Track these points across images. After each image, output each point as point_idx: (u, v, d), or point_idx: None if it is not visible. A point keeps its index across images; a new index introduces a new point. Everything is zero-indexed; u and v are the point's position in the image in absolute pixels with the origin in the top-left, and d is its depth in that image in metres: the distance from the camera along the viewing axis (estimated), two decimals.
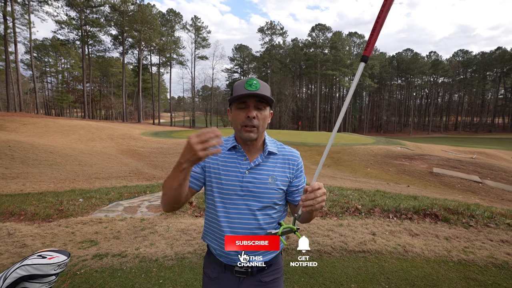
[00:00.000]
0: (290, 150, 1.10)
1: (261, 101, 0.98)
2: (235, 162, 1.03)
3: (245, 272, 1.03)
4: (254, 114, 0.97)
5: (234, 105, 1.00)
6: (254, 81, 0.97)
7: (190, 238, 3.20)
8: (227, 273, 1.05)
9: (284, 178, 1.04)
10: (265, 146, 1.05)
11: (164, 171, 11.10)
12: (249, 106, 0.97)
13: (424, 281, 2.43)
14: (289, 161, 1.07)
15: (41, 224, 3.59)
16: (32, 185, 6.93)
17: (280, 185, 1.03)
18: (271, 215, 1.04)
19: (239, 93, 0.96)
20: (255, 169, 1.02)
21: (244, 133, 0.98)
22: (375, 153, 14.33)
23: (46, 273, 1.06)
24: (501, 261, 2.76)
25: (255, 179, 1.01)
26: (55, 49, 48.36)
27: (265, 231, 1.02)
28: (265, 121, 1.01)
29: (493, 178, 10.21)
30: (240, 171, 1.01)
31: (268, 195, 1.01)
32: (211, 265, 1.09)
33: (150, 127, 31.23)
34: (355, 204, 4.41)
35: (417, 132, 66.87)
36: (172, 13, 49.04)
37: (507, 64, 59.89)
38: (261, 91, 0.96)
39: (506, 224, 3.75)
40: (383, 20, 0.74)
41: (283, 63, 60.19)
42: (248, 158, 1.03)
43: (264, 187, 1.01)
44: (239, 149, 1.05)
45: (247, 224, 1.01)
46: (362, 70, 0.76)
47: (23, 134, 16.13)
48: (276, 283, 1.09)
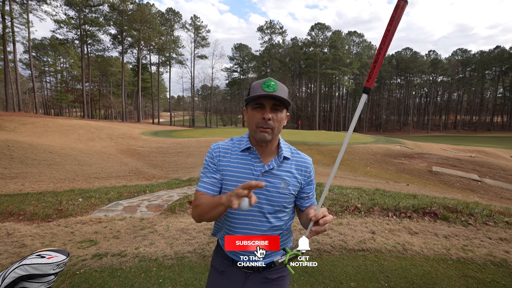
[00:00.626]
0: (303, 156, 1.10)
1: (278, 103, 0.97)
2: (249, 164, 1.03)
3: (252, 268, 1.04)
4: (270, 116, 0.96)
5: (251, 105, 1.00)
6: (272, 82, 0.96)
7: (190, 237, 3.20)
8: (234, 268, 1.07)
9: (296, 184, 1.05)
10: (280, 150, 1.05)
11: (164, 171, 11.10)
12: (265, 107, 0.97)
13: (423, 279, 2.44)
14: (302, 167, 1.07)
15: (40, 224, 3.59)
16: (31, 185, 6.92)
17: (292, 190, 1.04)
18: (281, 217, 1.05)
19: (256, 93, 0.95)
20: (269, 173, 1.02)
21: (259, 134, 0.98)
22: (375, 152, 14.34)
23: (45, 272, 1.06)
24: (500, 259, 2.77)
25: (269, 182, 1.01)
26: (54, 48, 48.19)
27: (275, 233, 1.04)
28: (281, 123, 1.01)
29: (492, 177, 10.24)
30: (253, 173, 1.01)
31: (279, 199, 1.02)
32: (220, 259, 1.11)
33: (150, 127, 31.19)
34: (354, 203, 4.41)
35: (416, 131, 66.93)
36: (172, 12, 48.90)
37: (505, 63, 59.96)
38: (279, 93, 0.95)
39: (505, 222, 3.76)
40: (385, 51, 0.74)
41: (283, 62, 60.14)
42: (262, 161, 1.03)
43: (276, 191, 1.01)
44: (253, 150, 1.04)
45: (259, 226, 1.02)
46: (365, 100, 0.78)
47: (22, 134, 16.10)
48: (282, 281, 1.09)
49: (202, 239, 3.16)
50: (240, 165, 1.03)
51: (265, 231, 1.02)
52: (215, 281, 1.11)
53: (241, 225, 1.03)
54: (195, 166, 11.77)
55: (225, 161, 1.04)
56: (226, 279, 1.08)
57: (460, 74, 66.52)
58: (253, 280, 1.06)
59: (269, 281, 1.07)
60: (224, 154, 1.05)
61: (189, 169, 11.25)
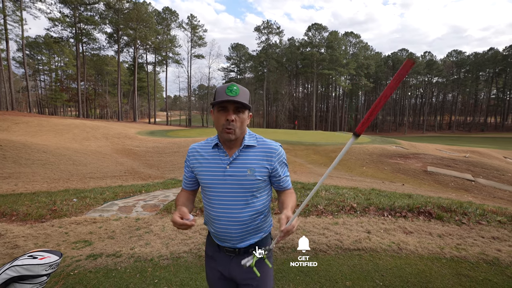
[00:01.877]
0: (269, 142, 1.19)
1: (240, 106, 1.08)
2: (217, 158, 1.16)
3: (234, 251, 1.18)
4: (233, 117, 1.08)
5: (216, 108, 1.11)
6: (234, 87, 1.07)
7: (186, 237, 3.19)
8: (221, 253, 1.22)
9: (263, 169, 1.14)
10: (243, 140, 1.16)
11: (160, 171, 11.03)
12: (228, 110, 1.08)
13: (418, 278, 2.46)
14: (267, 152, 1.16)
15: (34, 224, 3.54)
16: (24, 185, 6.82)
17: (258, 176, 1.13)
18: (255, 204, 1.15)
19: (219, 98, 1.07)
20: (234, 163, 1.13)
21: (225, 134, 1.10)
22: (371, 152, 14.44)
23: (37, 273, 1.05)
24: (492, 257, 2.81)
25: (235, 172, 1.12)
26: (48, 46, 47.59)
27: (253, 217, 1.14)
28: (244, 123, 1.13)
29: (485, 177, 10.38)
30: (221, 166, 1.13)
31: (248, 186, 1.12)
32: (209, 245, 1.28)
33: (146, 126, 30.98)
34: (350, 202, 4.44)
35: (412, 131, 67.56)
36: (168, 11, 48.60)
37: (499, 64, 60.86)
38: (240, 97, 1.07)
39: (497, 221, 3.81)
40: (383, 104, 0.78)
41: (280, 62, 60.19)
42: (228, 154, 1.15)
43: (244, 179, 1.11)
44: (220, 146, 1.16)
45: (233, 213, 1.13)
46: (352, 142, 0.83)
47: (15, 133, 15.87)
48: (261, 263, 1.16)
49: (198, 239, 3.15)
50: (210, 159, 1.17)
51: (242, 216, 1.13)
52: (208, 264, 1.28)
53: (220, 212, 1.14)
54: None
55: (200, 158, 1.19)
56: (215, 262, 1.23)
57: (454, 75, 67.32)
58: (237, 261, 1.17)
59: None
60: (198, 152, 1.20)
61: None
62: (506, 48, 60.09)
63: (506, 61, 59.55)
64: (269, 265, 1.13)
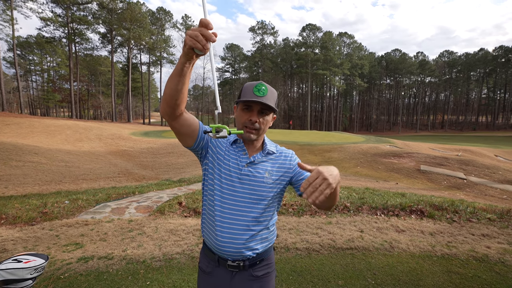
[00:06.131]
0: (286, 150, 1.17)
1: (266, 108, 1.03)
2: (235, 155, 1.09)
3: (237, 267, 1.06)
4: (257, 119, 1.03)
5: (240, 105, 1.06)
6: (262, 87, 1.02)
7: (179, 238, 3.17)
8: (220, 268, 1.08)
9: (281, 176, 1.09)
10: (265, 145, 1.12)
11: (154, 172, 10.95)
12: (253, 110, 1.03)
13: (409, 275, 2.49)
14: (287, 158, 1.13)
15: (23, 227, 3.48)
16: (15, 187, 6.69)
17: (276, 181, 1.08)
18: (265, 208, 1.07)
19: (246, 97, 1.01)
20: (253, 164, 1.07)
21: (246, 134, 1.04)
22: (365, 151, 14.56)
23: (22, 277, 1.03)
24: (481, 254, 2.86)
25: (252, 172, 1.06)
26: (40, 46, 46.75)
27: (257, 226, 1.06)
28: (267, 125, 1.08)
29: (477, 175, 10.56)
30: (239, 163, 1.07)
31: (263, 189, 1.06)
32: (206, 259, 1.13)
33: (140, 127, 30.70)
34: (344, 202, 4.47)
35: (405, 130, 68.36)
36: (162, 11, 48.26)
37: (489, 64, 62.07)
38: (267, 99, 1.01)
39: (487, 218, 3.89)
40: None
41: (274, 62, 60.30)
42: (247, 153, 1.09)
43: (260, 181, 1.05)
44: (240, 143, 1.10)
45: (241, 216, 1.04)
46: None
47: (6, 134, 15.54)
48: (267, 277, 1.12)
49: (191, 240, 3.13)
50: (228, 156, 1.08)
51: (248, 220, 1.04)
52: (203, 282, 1.14)
53: (226, 212, 1.04)
54: (186, 166, 11.66)
55: (216, 149, 1.10)
56: (213, 279, 1.10)
57: (447, 75, 68.40)
58: (240, 279, 1.08)
59: (255, 278, 1.09)
60: (223, 144, 1.12)
61: (180, 169, 11.14)
62: (496, 49, 61.38)
63: (496, 61, 60.82)
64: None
